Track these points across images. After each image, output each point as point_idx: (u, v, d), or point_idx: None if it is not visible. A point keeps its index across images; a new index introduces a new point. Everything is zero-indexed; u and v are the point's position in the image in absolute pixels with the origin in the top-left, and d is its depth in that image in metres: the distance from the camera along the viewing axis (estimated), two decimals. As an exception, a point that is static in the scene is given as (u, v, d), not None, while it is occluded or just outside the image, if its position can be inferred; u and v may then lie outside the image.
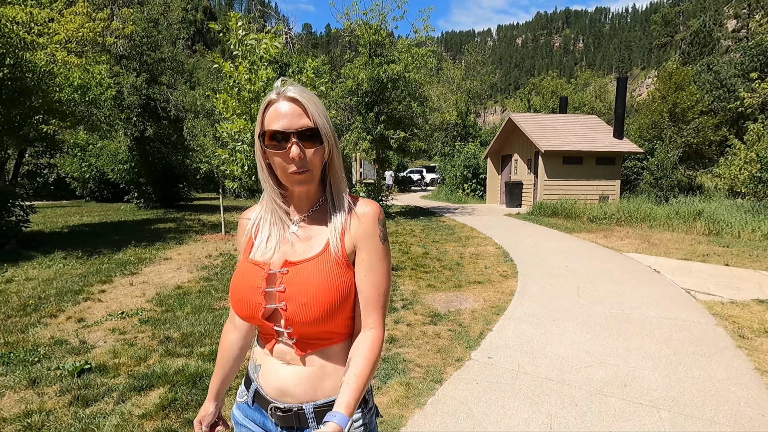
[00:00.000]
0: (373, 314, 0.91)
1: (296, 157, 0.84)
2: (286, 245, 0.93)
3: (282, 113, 0.85)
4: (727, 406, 2.56)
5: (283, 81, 0.89)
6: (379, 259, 0.92)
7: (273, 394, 0.92)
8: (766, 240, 8.44)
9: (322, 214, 0.95)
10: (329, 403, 0.88)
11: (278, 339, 0.92)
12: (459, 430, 2.33)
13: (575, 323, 3.94)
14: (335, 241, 0.90)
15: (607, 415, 2.47)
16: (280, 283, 0.88)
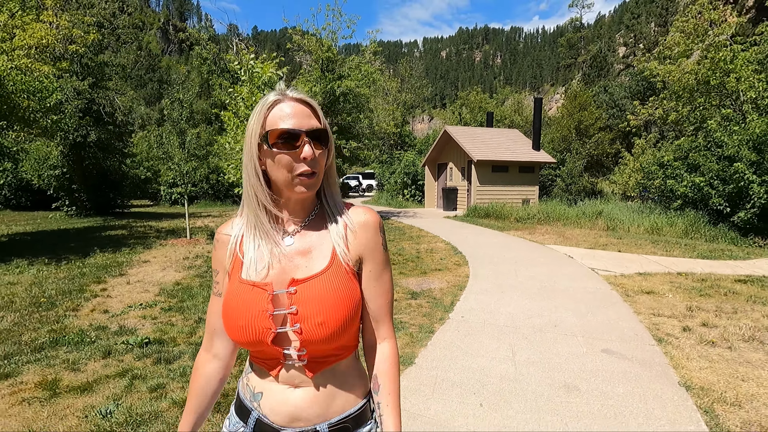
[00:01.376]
0: (384, 324, 0.91)
1: (308, 157, 0.80)
2: (284, 260, 0.86)
3: (291, 113, 0.81)
4: (617, 332, 3.94)
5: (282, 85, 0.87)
6: (384, 268, 0.90)
7: (282, 421, 0.85)
8: (647, 233, 10.73)
9: (320, 223, 0.90)
10: (342, 420, 0.86)
11: (285, 363, 0.85)
12: (453, 356, 3.42)
13: (517, 293, 5.25)
14: (342, 251, 0.86)
15: (546, 342, 3.72)
16: (291, 304, 0.82)
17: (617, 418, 2.52)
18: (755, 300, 4.93)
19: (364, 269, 0.89)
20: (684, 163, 11.54)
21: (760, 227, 9.89)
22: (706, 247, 8.86)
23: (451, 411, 2.61)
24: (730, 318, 4.31)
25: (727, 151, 10.33)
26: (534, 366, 3.23)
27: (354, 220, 0.89)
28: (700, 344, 3.65)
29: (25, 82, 7.48)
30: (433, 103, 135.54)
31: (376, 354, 0.90)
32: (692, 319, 4.28)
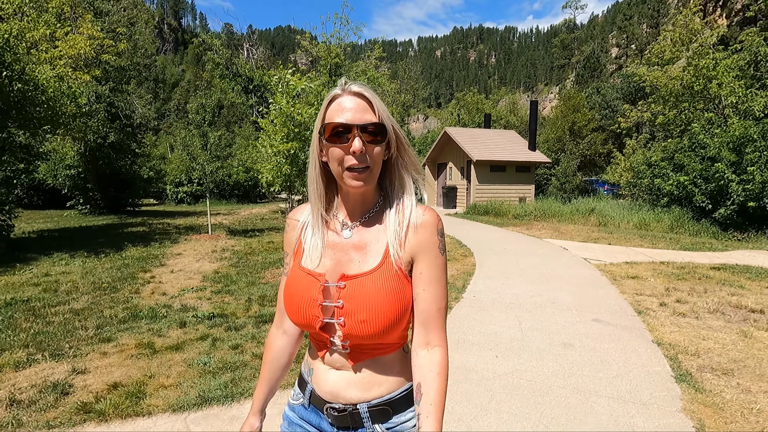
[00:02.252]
0: (435, 331, 0.88)
1: (357, 151, 0.81)
2: (339, 253, 0.90)
3: (346, 107, 0.83)
4: (605, 307, 4.68)
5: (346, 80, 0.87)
6: (440, 271, 0.89)
7: (326, 396, 0.92)
8: (635, 228, 11.53)
9: (379, 220, 0.91)
10: (383, 403, 0.89)
11: (331, 348, 0.90)
12: (470, 324, 4.14)
13: (519, 278, 5.99)
14: (395, 252, 0.86)
15: (546, 314, 4.45)
16: (338, 298, 0.86)
17: (603, 364, 3.25)
18: (724, 283, 5.71)
19: (415, 270, 0.88)
20: (670, 163, 12.34)
21: (738, 222, 10.71)
22: (689, 240, 9.67)
23: (473, 360, 3.34)
24: (701, 296, 5.07)
25: (709, 152, 11.14)
26: (536, 331, 3.96)
27: (412, 220, 0.88)
28: (673, 315, 4.40)
29: (63, 89, 8.11)
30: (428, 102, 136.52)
31: (423, 362, 0.87)
32: (668, 297, 5.04)
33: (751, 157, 10.35)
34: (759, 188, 9.98)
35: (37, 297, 5.09)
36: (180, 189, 22.97)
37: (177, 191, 23.14)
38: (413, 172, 0.92)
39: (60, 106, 7.61)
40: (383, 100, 7.15)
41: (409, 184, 0.92)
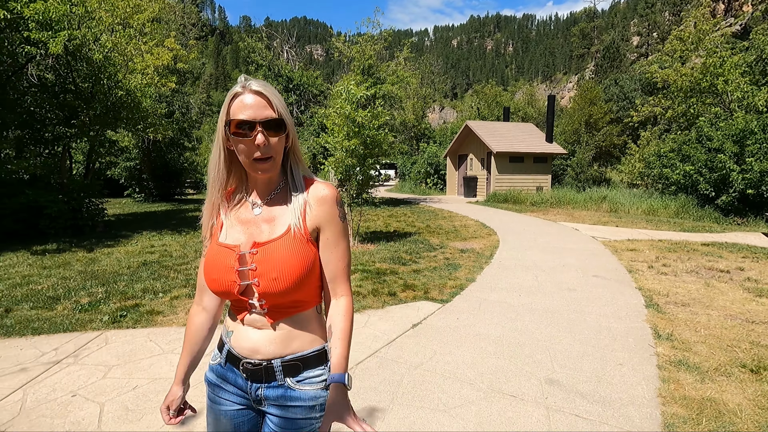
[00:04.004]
0: (341, 285, 1.05)
1: (261, 144, 0.93)
2: (252, 227, 1.03)
3: (248, 104, 0.93)
4: (604, 268, 5.98)
5: (246, 77, 0.97)
6: (341, 236, 1.05)
7: (244, 353, 1.03)
8: (644, 214, 12.65)
9: (283, 197, 1.05)
10: (296, 359, 1.02)
11: (251, 310, 1.02)
12: (498, 278, 5.51)
13: (536, 251, 7.31)
14: (297, 221, 1.00)
15: (557, 273, 5.78)
16: (252, 262, 0.98)
17: (596, 299, 4.59)
18: (707, 254, 6.93)
19: (321, 237, 1.03)
20: (678, 154, 13.36)
21: (739, 208, 11.75)
22: (691, 224, 10.79)
23: (503, 297, 4.71)
24: (683, 262, 6.33)
25: (713, 144, 12.15)
26: (549, 282, 5.31)
27: (312, 195, 1.03)
28: (657, 274, 5.69)
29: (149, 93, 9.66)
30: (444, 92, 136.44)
31: (333, 309, 1.04)
32: (657, 263, 6.31)
33: (751, 148, 11.35)
34: (757, 177, 11.00)
35: (160, 260, 6.64)
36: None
37: (214, 181, 24.83)
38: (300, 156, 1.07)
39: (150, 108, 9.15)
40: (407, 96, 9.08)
41: (303, 164, 1.07)
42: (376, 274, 5.63)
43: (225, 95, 6.24)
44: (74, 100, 8.55)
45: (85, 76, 9.01)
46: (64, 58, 8.11)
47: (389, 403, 2.55)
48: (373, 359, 3.14)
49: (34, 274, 5.75)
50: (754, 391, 2.69)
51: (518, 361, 3.12)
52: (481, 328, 3.79)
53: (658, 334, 3.63)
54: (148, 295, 4.78)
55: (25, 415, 2.45)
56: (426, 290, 4.94)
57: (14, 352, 3.30)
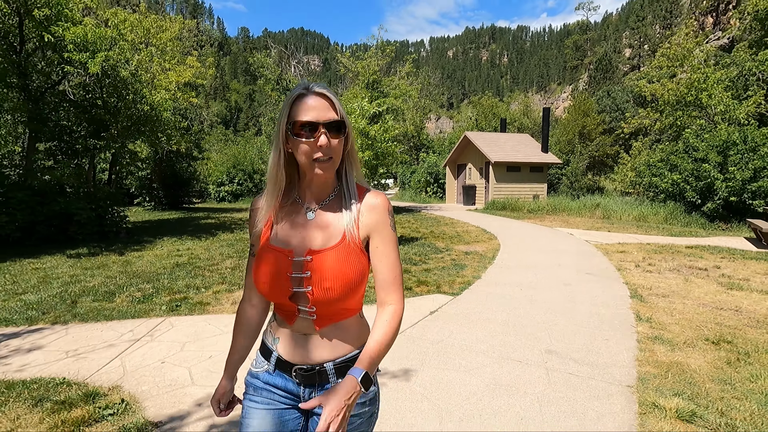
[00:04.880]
0: (393, 293, 1.05)
1: (324, 146, 0.95)
2: (304, 232, 1.04)
3: (312, 106, 0.96)
4: (595, 267, 6.64)
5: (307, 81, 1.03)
6: (392, 245, 1.06)
7: (296, 359, 1.06)
8: (634, 220, 13.37)
9: (338, 203, 1.06)
10: (347, 360, 1.06)
11: (299, 315, 1.04)
12: (501, 275, 6.15)
13: (534, 253, 7.97)
14: (351, 229, 1.02)
15: (553, 271, 6.43)
16: (306, 269, 1.00)
17: (588, 292, 5.24)
18: (689, 255, 7.61)
19: (372, 245, 1.05)
20: (666, 163, 14.12)
21: (723, 215, 12.48)
22: (679, 230, 11.50)
23: (506, 291, 5.35)
24: (667, 262, 7.00)
25: (699, 154, 12.92)
26: (546, 279, 5.96)
27: (366, 203, 1.05)
28: (642, 272, 6.35)
29: (168, 106, 10.33)
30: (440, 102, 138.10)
31: (378, 316, 1.04)
32: (643, 262, 6.98)
33: (733, 158, 12.11)
34: (739, 185, 11.75)
35: (191, 262, 7.24)
36: (222, 188, 25.33)
37: (219, 190, 25.49)
38: (356, 162, 1.08)
39: (174, 122, 9.81)
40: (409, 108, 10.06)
41: (357, 171, 1.08)
42: (391, 273, 6.25)
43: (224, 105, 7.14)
44: (105, 114, 9.19)
45: (111, 91, 9.68)
46: (97, 76, 8.77)
47: (420, 366, 3.18)
48: (402, 337, 3.76)
49: (80, 274, 6.33)
50: (713, 357, 3.33)
51: (522, 338, 3.76)
52: (489, 314, 4.42)
53: (640, 317, 4.27)
54: (192, 290, 5.39)
55: (130, 375, 3.06)
56: (438, 285, 5.57)
57: (97, 333, 3.90)
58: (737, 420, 2.45)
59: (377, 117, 7.86)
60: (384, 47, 15.54)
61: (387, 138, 7.83)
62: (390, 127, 8.13)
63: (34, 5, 7.76)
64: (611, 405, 2.63)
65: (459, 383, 2.92)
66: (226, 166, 25.46)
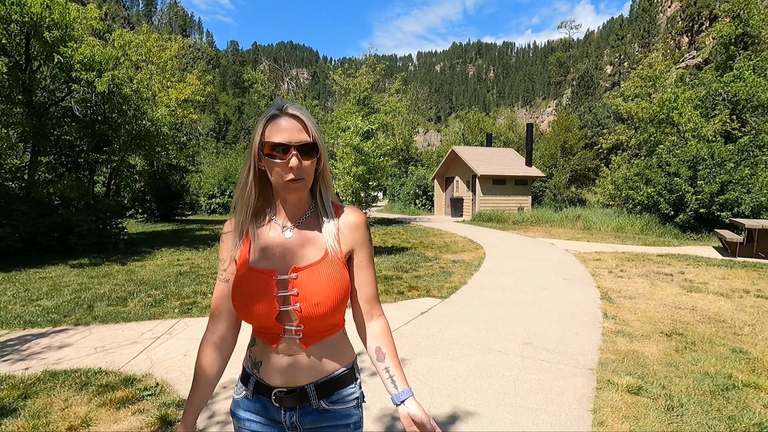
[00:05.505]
0: (377, 305, 1.11)
1: (295, 167, 0.95)
2: (285, 250, 1.02)
3: (284, 127, 0.96)
4: (572, 273, 7.20)
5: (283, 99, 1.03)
6: (371, 259, 1.11)
7: (276, 382, 1.03)
8: (613, 231, 14.08)
9: (315, 220, 1.07)
10: (328, 380, 1.04)
11: (284, 336, 1.01)
12: (486, 281, 6.66)
13: (518, 261, 8.52)
14: (333, 244, 1.03)
15: (534, 277, 6.96)
16: (292, 287, 0.98)
17: (565, 295, 5.77)
18: (658, 262, 8.24)
19: (355, 260, 1.07)
20: (642, 177, 14.94)
21: (694, 226, 13.26)
22: (654, 239, 12.21)
23: (490, 294, 5.85)
24: (638, 268, 7.61)
25: (671, 168, 13.74)
26: (527, 284, 6.48)
27: (345, 220, 1.07)
28: (614, 277, 6.93)
29: (166, 122, 10.73)
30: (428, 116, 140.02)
31: (374, 329, 1.09)
32: (616, 269, 7.57)
33: (702, 173, 12.94)
34: (708, 198, 12.55)
35: (193, 270, 7.60)
36: (213, 200, 25.57)
37: (210, 202, 25.71)
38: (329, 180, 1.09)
39: (172, 137, 10.22)
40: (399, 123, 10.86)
41: (331, 189, 1.10)
42: (384, 279, 6.73)
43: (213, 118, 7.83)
44: (108, 130, 9.58)
45: (113, 108, 10.07)
46: (102, 94, 9.17)
47: (413, 356, 3.64)
48: (396, 333, 4.23)
49: (87, 282, 6.66)
50: (665, 346, 3.87)
51: (502, 333, 4.25)
52: (474, 314, 4.91)
53: (607, 315, 4.81)
54: (199, 295, 5.78)
55: (158, 365, 3.46)
56: (428, 290, 6.06)
57: (119, 333, 4.28)
58: (675, 392, 2.96)
59: (370, 133, 8.37)
60: (375, 65, 16.23)
61: (379, 154, 8.36)
62: (382, 143, 8.67)
63: (44, 27, 8.17)
64: (574, 383, 3.13)
65: (447, 369, 3.39)
66: (218, 178, 25.75)
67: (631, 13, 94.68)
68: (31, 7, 7.96)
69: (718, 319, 4.70)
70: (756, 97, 14.04)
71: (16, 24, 8.09)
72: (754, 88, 14.02)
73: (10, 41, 8.67)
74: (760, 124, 14.03)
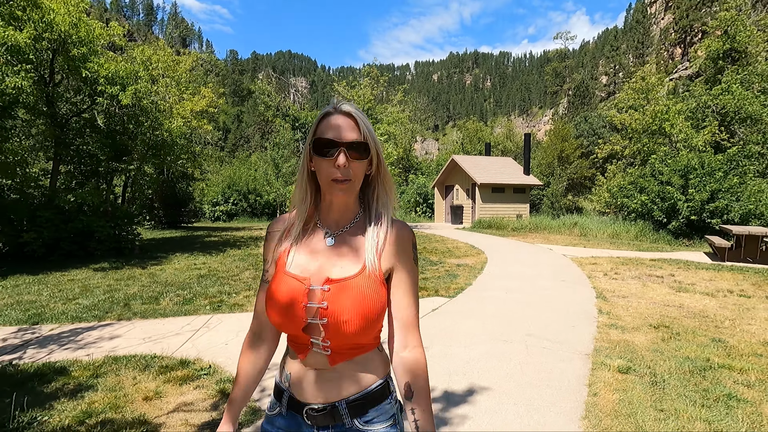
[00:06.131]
0: (413, 333, 0.99)
1: (341, 165, 0.90)
2: (323, 258, 0.97)
3: (335, 125, 0.92)
4: (569, 275, 7.68)
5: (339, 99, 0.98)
6: (414, 280, 1.01)
7: (307, 398, 0.97)
8: (608, 237, 14.60)
9: (360, 229, 1.01)
10: (360, 398, 0.97)
11: (312, 349, 0.96)
12: (489, 283, 7.12)
13: (518, 265, 9.00)
14: (373, 259, 0.96)
15: (534, 280, 7.44)
16: (322, 300, 0.92)
17: (563, 294, 6.24)
18: (651, 266, 8.74)
19: (395, 278, 0.99)
20: (635, 186, 15.50)
21: (686, 232, 13.79)
22: (647, 245, 12.72)
23: (494, 294, 6.32)
24: (631, 271, 8.10)
25: (663, 177, 14.31)
26: (528, 285, 6.95)
27: (391, 233, 1.00)
28: (609, 279, 7.41)
29: (183, 132, 11.23)
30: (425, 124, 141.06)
31: (408, 362, 0.98)
32: (611, 272, 8.06)
33: (693, 181, 13.51)
34: (699, 206, 13.10)
35: (212, 273, 8.04)
36: (216, 208, 26.00)
37: (214, 210, 26.14)
38: (389, 189, 1.02)
39: (186, 147, 10.72)
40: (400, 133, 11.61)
41: (388, 199, 1.02)
42: (394, 281, 7.18)
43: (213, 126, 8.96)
44: (127, 140, 10.07)
45: (129, 118, 10.57)
46: (118, 106, 9.67)
47: (430, 344, 4.09)
48: (412, 326, 4.69)
49: (114, 284, 7.09)
50: (652, 336, 4.34)
51: (507, 326, 4.72)
52: (481, 311, 5.38)
53: (601, 312, 5.28)
54: (224, 295, 6.22)
55: (204, 352, 3.90)
56: (436, 290, 6.52)
57: (160, 326, 4.72)
58: (659, 371, 3.43)
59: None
60: (377, 77, 16.85)
61: (387, 163, 8.86)
62: (389, 153, 9.18)
63: (72, 44, 8.69)
64: (572, 365, 3.59)
65: (460, 354, 3.85)
66: (221, 186, 26.21)
67: (625, 24, 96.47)
68: (60, 25, 8.47)
69: (702, 314, 5.18)
70: (743, 110, 14.69)
71: (46, 41, 8.59)
72: (741, 100, 14.68)
73: (37, 57, 9.17)
74: (747, 135, 14.66)
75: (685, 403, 2.89)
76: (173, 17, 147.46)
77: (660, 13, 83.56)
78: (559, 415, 2.76)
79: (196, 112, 11.33)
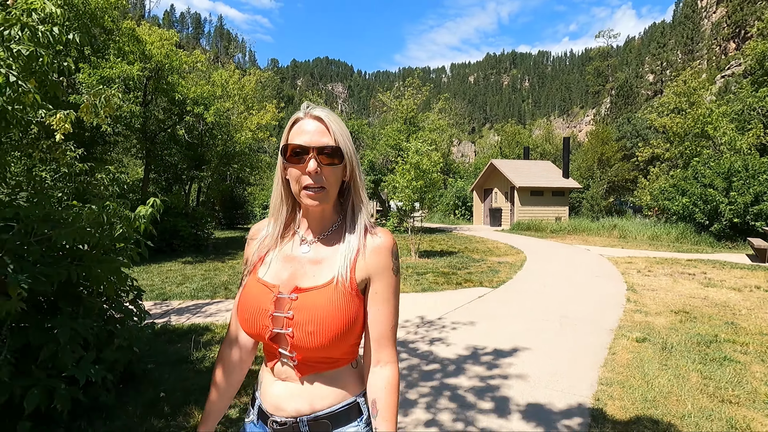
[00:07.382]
0: (387, 349, 0.94)
1: (312, 172, 0.87)
2: (296, 266, 0.94)
3: (306, 130, 0.89)
4: (604, 272, 8.35)
5: (310, 103, 0.93)
6: (393, 292, 0.95)
7: (270, 409, 0.94)
8: (648, 239, 14.87)
9: (336, 237, 0.97)
10: (323, 416, 0.91)
11: (280, 359, 0.93)
12: (529, 278, 7.95)
13: (555, 263, 9.72)
14: (344, 269, 0.91)
15: (569, 277, 8.19)
16: (289, 309, 0.89)
17: (596, 288, 6.99)
18: (686, 265, 9.22)
19: (371, 290, 0.93)
20: (677, 189, 15.64)
21: (729, 235, 13.86)
22: (688, 247, 12.97)
23: (533, 287, 7.16)
24: (664, 269, 8.66)
25: (706, 180, 14.43)
26: (564, 280, 7.72)
27: (368, 241, 0.94)
28: (641, 276, 8.05)
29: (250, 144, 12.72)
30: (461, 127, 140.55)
31: (377, 378, 0.93)
32: (645, 269, 8.65)
33: (736, 184, 13.59)
34: (741, 208, 13.19)
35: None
36: (266, 211, 27.84)
37: (265, 212, 28.03)
38: (363, 196, 0.98)
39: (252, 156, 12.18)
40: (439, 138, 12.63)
41: (365, 206, 0.98)
42: (443, 274, 8.17)
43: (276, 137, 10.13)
44: (206, 151, 11.66)
45: (206, 132, 12.17)
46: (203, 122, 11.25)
47: (479, 321, 5.06)
48: (462, 309, 5.66)
49: (206, 274, 8.48)
50: (671, 319, 5.09)
51: (544, 310, 5.59)
52: (521, 299, 6.27)
53: (629, 300, 6.04)
54: (300, 283, 7.42)
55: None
56: (480, 282, 7.44)
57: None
58: (669, 342, 4.24)
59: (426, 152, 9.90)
60: (420, 86, 17.87)
61: (435, 170, 9.85)
62: (437, 160, 10.16)
63: (166, 72, 10.31)
64: (598, 337, 4.46)
65: (504, 328, 4.79)
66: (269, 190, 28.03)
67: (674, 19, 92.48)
68: (156, 56, 10.08)
69: (723, 305, 5.83)
70: (792, 112, 14.52)
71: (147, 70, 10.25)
72: (789, 102, 14.52)
73: (135, 84, 10.88)
74: (795, 137, 14.50)
75: (686, 361, 3.72)
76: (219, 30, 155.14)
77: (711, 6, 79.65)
78: (583, 364, 3.67)
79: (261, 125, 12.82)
